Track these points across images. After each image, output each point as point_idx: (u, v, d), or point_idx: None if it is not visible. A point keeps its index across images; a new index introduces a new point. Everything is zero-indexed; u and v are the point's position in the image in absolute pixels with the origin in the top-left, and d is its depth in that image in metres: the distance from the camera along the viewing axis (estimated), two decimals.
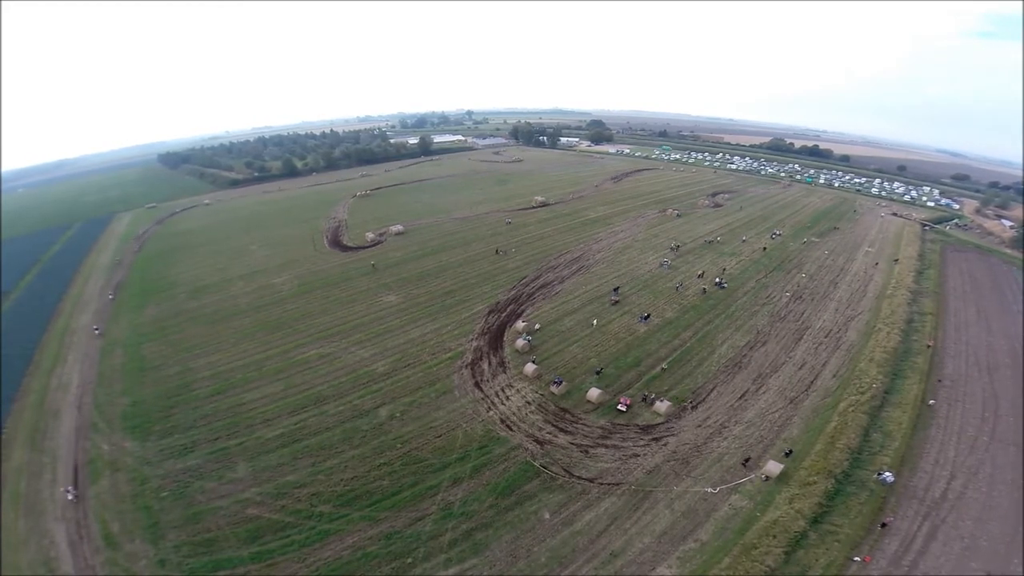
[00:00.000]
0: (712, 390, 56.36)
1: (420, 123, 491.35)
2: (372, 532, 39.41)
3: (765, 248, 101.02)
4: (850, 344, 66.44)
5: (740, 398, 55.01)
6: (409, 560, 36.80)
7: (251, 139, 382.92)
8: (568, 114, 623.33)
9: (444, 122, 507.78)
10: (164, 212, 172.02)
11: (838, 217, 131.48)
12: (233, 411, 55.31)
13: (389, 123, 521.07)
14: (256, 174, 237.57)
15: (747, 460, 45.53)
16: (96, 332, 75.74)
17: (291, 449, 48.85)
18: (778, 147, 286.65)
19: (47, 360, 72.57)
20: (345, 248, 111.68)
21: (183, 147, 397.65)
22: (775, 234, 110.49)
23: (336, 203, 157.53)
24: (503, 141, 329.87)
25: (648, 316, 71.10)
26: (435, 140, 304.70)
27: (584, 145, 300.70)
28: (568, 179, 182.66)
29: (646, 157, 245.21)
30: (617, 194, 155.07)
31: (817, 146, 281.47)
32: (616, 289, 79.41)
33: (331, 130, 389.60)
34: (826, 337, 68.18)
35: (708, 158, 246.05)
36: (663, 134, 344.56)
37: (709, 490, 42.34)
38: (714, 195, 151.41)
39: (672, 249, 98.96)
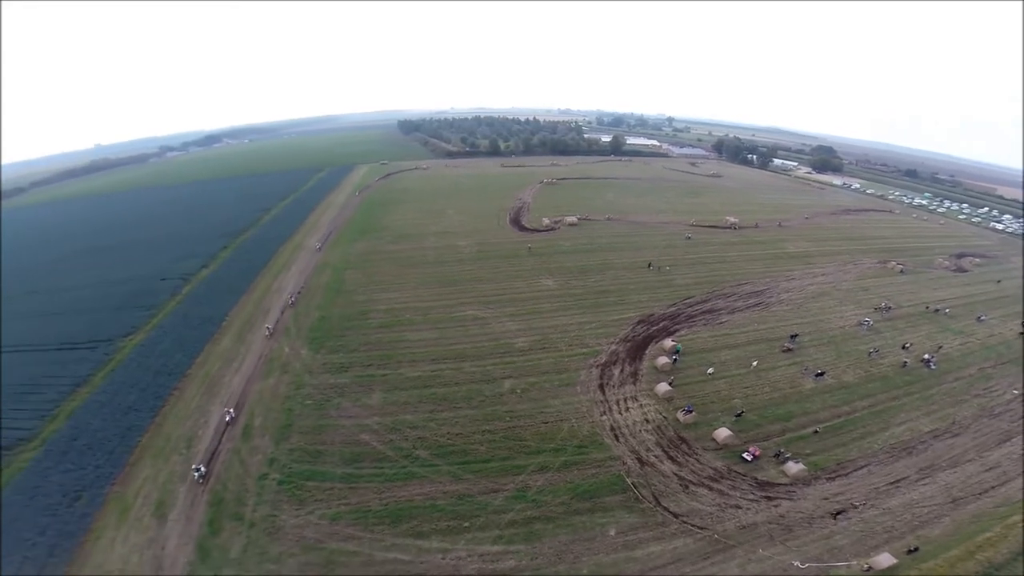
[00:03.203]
0: (862, 467, 47.11)
1: (616, 122, 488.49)
2: (449, 488, 42.12)
3: (1023, 333, 76.67)
4: None
5: (893, 483, 45.35)
6: (466, 524, 38.62)
7: (469, 117, 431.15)
8: (789, 135, 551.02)
9: (641, 124, 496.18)
10: (391, 169, 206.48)
11: None
12: (391, 345, 63.95)
13: (586, 119, 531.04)
14: (467, 149, 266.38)
15: (839, 513, 40.71)
16: (317, 247, 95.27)
17: (420, 392, 54.58)
18: None
19: (277, 266, 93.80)
20: (522, 228, 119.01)
21: (417, 117, 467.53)
22: None
23: (525, 186, 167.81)
24: (703, 153, 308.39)
25: (822, 374, 60.78)
26: (628, 141, 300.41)
27: (803, 171, 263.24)
28: (772, 204, 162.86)
29: (881, 196, 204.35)
30: (830, 232, 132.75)
31: None
32: (794, 336, 69.11)
33: (534, 118, 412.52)
34: None
35: (967, 210, 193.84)
36: (911, 173, 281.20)
37: (796, 563, 36.37)
38: (960, 256, 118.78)
39: (880, 309, 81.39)
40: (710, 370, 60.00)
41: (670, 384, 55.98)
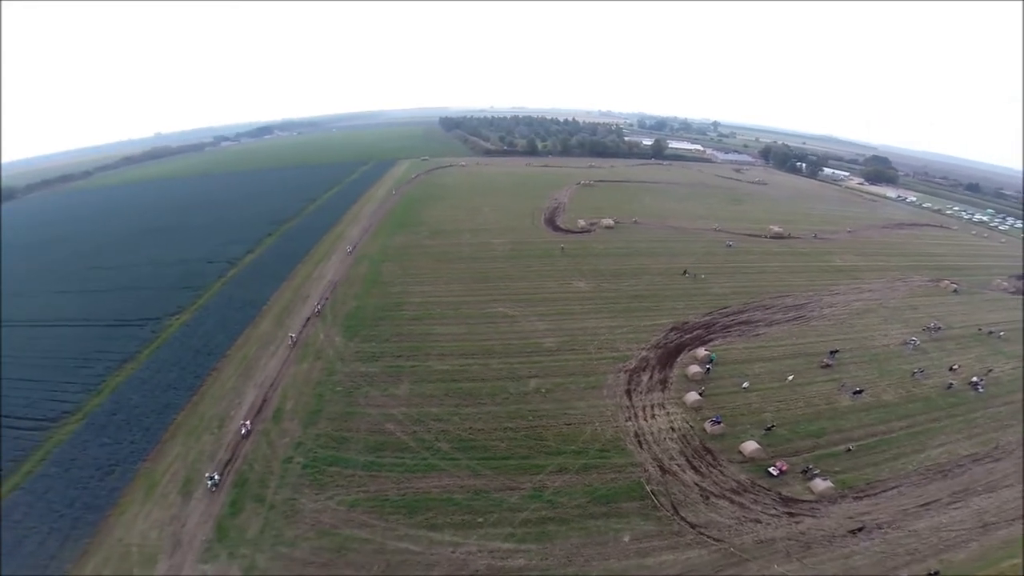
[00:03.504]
0: (893, 488, 45.21)
1: (659, 126, 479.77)
2: (467, 482, 42.42)
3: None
4: None
5: (923, 506, 43.48)
6: (479, 519, 38.79)
7: (507, 116, 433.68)
8: (844, 144, 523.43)
9: (685, 129, 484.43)
10: (431, 165, 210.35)
11: None
12: (422, 338, 65.20)
13: (627, 121, 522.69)
14: (505, 148, 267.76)
15: (858, 530, 39.99)
16: (349, 250, 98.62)
17: (447, 386, 55.29)
18: None
19: (318, 255, 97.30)
20: (557, 228, 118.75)
21: (458, 115, 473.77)
22: None
23: (561, 187, 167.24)
24: (749, 159, 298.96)
25: (861, 391, 58.39)
26: (670, 145, 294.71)
27: (855, 182, 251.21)
28: (819, 215, 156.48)
29: (938, 211, 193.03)
30: (880, 246, 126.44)
31: None
32: (833, 352, 66.39)
33: (573, 119, 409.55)
34: None
35: None
36: (973, 188, 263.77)
37: None
38: (1022, 277, 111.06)
39: (928, 329, 76.89)
40: (745, 384, 58.19)
41: (700, 394, 54.82)
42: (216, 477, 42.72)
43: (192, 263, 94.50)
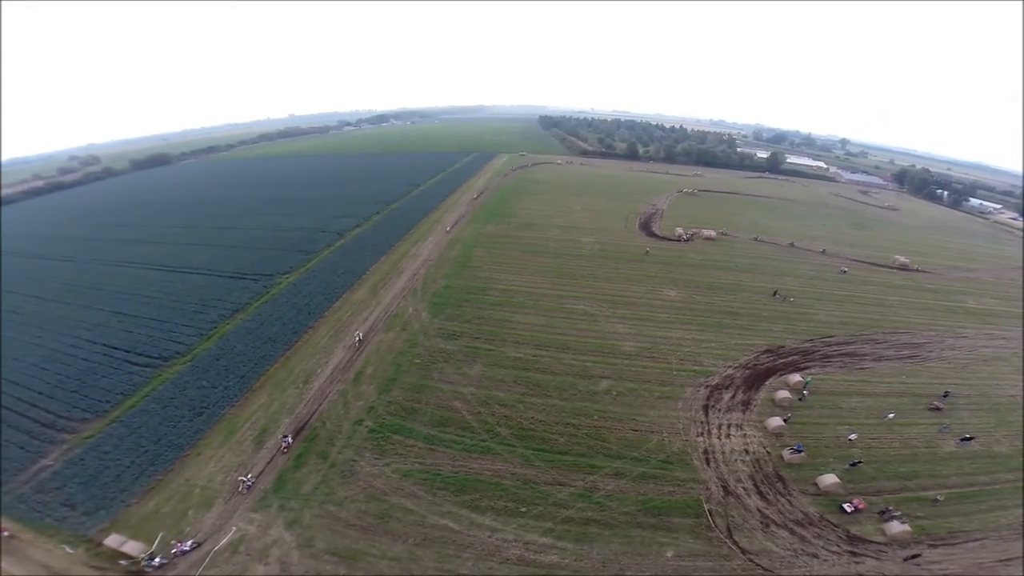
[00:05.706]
0: (977, 540, 39.31)
1: (778, 139, 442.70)
2: (519, 471, 42.62)
3: None
4: None
5: (1002, 561, 37.60)
6: (523, 509, 38.81)
7: (608, 119, 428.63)
8: (997, 173, 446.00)
9: (807, 144, 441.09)
10: (528, 161, 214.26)
11: None
12: (500, 323, 67.14)
13: (742, 132, 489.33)
14: (603, 149, 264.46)
15: (913, 556, 36.85)
16: (448, 229, 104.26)
17: (517, 373, 56.16)
18: None
19: (416, 235, 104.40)
20: (652, 234, 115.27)
21: (557, 114, 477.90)
22: None
23: (660, 193, 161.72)
24: (880, 182, 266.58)
25: (970, 439, 50.86)
26: (788, 159, 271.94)
27: (1006, 216, 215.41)
28: (957, 249, 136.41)
29: None
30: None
31: None
32: (946, 395, 58.09)
33: (680, 126, 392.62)
34: None
35: None
36: None
37: None
38: None
39: None
40: (852, 436, 51.06)
41: (784, 420, 50.76)
42: (290, 439, 44.38)
43: (307, 231, 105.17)
